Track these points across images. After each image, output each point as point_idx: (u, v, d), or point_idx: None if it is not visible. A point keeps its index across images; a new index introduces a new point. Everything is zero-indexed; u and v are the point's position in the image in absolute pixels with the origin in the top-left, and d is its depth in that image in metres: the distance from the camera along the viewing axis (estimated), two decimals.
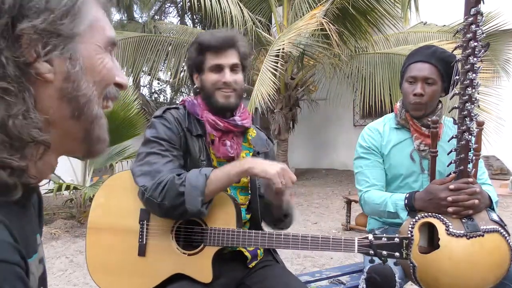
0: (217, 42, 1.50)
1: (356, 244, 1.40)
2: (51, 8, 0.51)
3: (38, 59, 0.51)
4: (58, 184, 4.94)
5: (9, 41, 0.49)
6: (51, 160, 0.59)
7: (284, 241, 1.43)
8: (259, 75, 6.14)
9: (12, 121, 0.50)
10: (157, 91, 16.76)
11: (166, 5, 15.83)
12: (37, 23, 0.50)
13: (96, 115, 0.59)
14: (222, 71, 1.51)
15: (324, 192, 7.59)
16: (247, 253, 1.56)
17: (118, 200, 1.52)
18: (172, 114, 1.53)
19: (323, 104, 9.44)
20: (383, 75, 7.37)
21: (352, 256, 3.91)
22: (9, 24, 0.49)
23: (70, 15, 0.53)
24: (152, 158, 1.43)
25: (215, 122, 1.52)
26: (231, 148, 1.54)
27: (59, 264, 3.91)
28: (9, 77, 0.49)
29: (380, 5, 7.39)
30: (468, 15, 1.53)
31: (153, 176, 1.39)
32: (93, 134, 0.60)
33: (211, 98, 1.52)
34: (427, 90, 1.80)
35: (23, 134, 0.51)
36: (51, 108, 0.54)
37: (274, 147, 1.78)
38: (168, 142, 1.47)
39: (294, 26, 6.71)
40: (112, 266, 1.48)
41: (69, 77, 0.54)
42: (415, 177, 1.89)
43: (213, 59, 1.51)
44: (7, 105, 0.49)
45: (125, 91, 5.60)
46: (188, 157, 1.51)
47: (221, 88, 1.51)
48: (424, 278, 1.58)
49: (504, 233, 1.56)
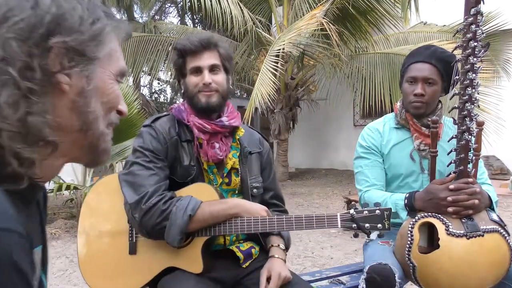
0: (192, 45, 1.52)
1: (339, 219, 1.46)
2: (82, 31, 0.59)
3: (61, 71, 0.58)
4: (58, 184, 4.95)
5: (41, 50, 0.56)
6: (56, 163, 0.64)
7: (270, 224, 1.45)
8: (259, 75, 6.15)
9: (32, 117, 0.56)
10: (157, 91, 16.79)
11: (166, 5, 15.85)
12: (68, 40, 0.58)
13: (103, 132, 0.65)
14: (202, 72, 1.53)
15: (324, 192, 7.59)
16: (239, 253, 1.56)
17: (106, 203, 1.55)
18: (161, 123, 1.55)
19: (323, 104, 9.44)
20: (383, 75, 7.37)
21: (352, 256, 3.91)
22: (45, 36, 0.56)
23: (96, 40, 0.61)
24: (136, 169, 1.47)
25: (202, 125, 1.53)
26: (220, 150, 1.55)
27: (60, 264, 3.91)
28: (36, 80, 0.56)
29: (380, 5, 7.40)
30: (468, 15, 1.53)
31: (135, 189, 1.44)
32: (99, 148, 0.66)
33: (193, 99, 1.54)
34: (427, 90, 1.80)
35: (37, 131, 0.57)
36: (63, 116, 0.60)
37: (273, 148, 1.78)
38: (152, 153, 1.49)
39: (294, 26, 6.72)
40: (106, 268, 1.50)
41: (83, 93, 0.61)
42: (415, 177, 1.89)
43: (192, 62, 1.54)
44: (30, 103, 0.56)
45: (125, 91, 5.62)
46: (178, 165, 1.53)
47: (202, 90, 1.53)
48: (424, 278, 1.58)
49: (504, 233, 1.56)
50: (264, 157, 1.71)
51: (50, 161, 0.61)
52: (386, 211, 1.45)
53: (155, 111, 11.43)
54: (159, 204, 1.40)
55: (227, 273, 1.55)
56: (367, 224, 1.44)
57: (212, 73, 1.54)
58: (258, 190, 1.65)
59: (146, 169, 1.46)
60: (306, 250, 4.10)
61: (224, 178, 1.59)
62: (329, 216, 1.46)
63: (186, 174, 1.52)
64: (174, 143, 1.53)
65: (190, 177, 1.53)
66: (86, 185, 5.35)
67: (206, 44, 1.53)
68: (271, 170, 1.74)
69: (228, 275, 1.55)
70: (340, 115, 9.88)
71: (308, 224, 1.46)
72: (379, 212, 1.45)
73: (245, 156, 1.63)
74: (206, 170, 1.56)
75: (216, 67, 1.55)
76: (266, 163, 1.72)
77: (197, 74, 1.54)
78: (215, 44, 1.55)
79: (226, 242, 1.57)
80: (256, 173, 1.66)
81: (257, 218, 1.46)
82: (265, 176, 1.71)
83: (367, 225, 1.44)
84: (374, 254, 1.70)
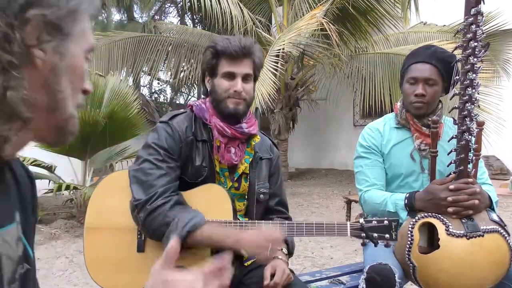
0: (233, 50, 1.49)
1: (349, 228, 1.49)
2: (60, 6, 0.58)
3: (37, 45, 0.57)
4: (58, 184, 4.94)
5: (19, 21, 0.55)
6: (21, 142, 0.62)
7: (280, 229, 1.45)
8: (260, 75, 6.14)
9: (9, 92, 0.55)
10: (157, 91, 16.78)
11: (166, 5, 15.84)
12: (47, 14, 0.56)
13: (71, 114, 0.64)
14: (235, 79, 1.51)
15: (324, 192, 7.59)
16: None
17: (114, 199, 1.53)
18: (178, 121, 1.54)
19: (323, 104, 9.44)
20: (383, 75, 7.37)
21: (352, 256, 3.91)
22: (24, 7, 0.55)
23: (72, 16, 0.60)
24: (148, 167, 1.46)
25: (222, 129, 1.52)
26: (235, 155, 1.55)
27: (59, 264, 3.91)
28: (15, 53, 0.55)
29: (380, 5, 7.40)
30: (468, 15, 1.53)
31: (145, 189, 1.43)
32: (66, 130, 0.65)
33: (221, 104, 1.52)
34: (428, 90, 1.80)
35: (14, 107, 0.56)
36: (34, 93, 0.58)
37: None
38: (166, 152, 1.48)
39: (294, 26, 6.72)
40: (113, 265, 1.49)
41: (55, 70, 0.59)
42: (415, 177, 1.89)
43: (227, 66, 1.51)
44: (8, 77, 0.55)
45: (125, 91, 5.61)
46: (190, 165, 1.52)
47: (232, 96, 1.51)
48: (424, 278, 1.58)
49: (504, 233, 1.56)
50: (274, 163, 1.70)
51: (18, 139, 0.60)
52: (394, 222, 1.49)
53: (155, 111, 11.44)
54: (164, 208, 1.39)
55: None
56: (375, 234, 1.47)
57: (244, 81, 1.52)
58: (265, 196, 1.64)
59: (157, 169, 1.45)
60: (306, 250, 4.10)
61: (234, 182, 1.59)
62: (340, 224, 1.49)
63: (197, 175, 1.52)
64: (190, 143, 1.52)
65: (201, 178, 1.52)
66: (86, 185, 5.34)
67: (247, 52, 1.51)
68: (279, 177, 1.73)
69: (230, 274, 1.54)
70: (340, 115, 9.88)
71: (318, 231, 1.48)
72: (387, 223, 1.48)
73: (256, 161, 1.63)
74: (218, 173, 1.56)
75: (249, 76, 1.54)
76: (275, 169, 1.71)
77: (229, 79, 1.51)
78: (253, 53, 1.53)
79: None
80: (264, 179, 1.65)
81: (268, 223, 1.48)
82: (272, 182, 1.70)
83: (375, 235, 1.47)
84: (374, 254, 1.70)
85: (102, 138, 5.16)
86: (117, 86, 5.60)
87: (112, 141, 5.40)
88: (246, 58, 1.52)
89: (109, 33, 8.63)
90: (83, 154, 5.41)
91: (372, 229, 1.47)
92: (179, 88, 14.91)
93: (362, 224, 1.48)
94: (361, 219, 1.49)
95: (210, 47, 1.55)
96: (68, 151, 5.32)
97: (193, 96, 15.89)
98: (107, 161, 5.92)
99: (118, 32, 9.08)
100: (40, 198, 7.26)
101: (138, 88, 12.07)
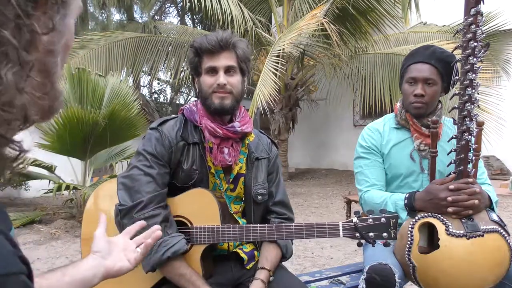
0: (210, 44, 1.48)
1: (341, 228, 1.40)
2: None
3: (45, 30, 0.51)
4: (58, 184, 4.94)
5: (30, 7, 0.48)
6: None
7: (269, 233, 1.44)
8: (261, 75, 6.14)
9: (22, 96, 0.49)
10: (157, 91, 16.78)
11: (166, 5, 15.85)
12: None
13: (61, 92, 0.58)
14: (217, 73, 1.49)
15: (324, 192, 7.59)
16: (244, 255, 1.55)
17: (107, 209, 1.52)
18: (167, 127, 1.52)
19: (323, 104, 9.45)
20: (383, 75, 7.38)
21: (352, 256, 3.91)
22: None
23: None
24: (135, 173, 1.46)
25: (214, 129, 1.49)
26: (229, 155, 1.51)
27: (59, 264, 3.90)
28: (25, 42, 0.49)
29: (380, 5, 7.40)
30: (468, 15, 1.53)
31: (131, 195, 1.42)
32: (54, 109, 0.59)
33: (207, 100, 1.51)
34: (427, 91, 1.80)
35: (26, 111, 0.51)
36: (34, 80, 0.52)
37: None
38: (155, 157, 1.47)
39: (295, 26, 6.72)
40: None
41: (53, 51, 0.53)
42: (415, 177, 1.89)
43: (208, 61, 1.50)
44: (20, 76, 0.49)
45: (125, 91, 5.61)
46: (180, 169, 1.50)
47: (216, 91, 1.49)
48: (424, 278, 1.58)
49: (503, 233, 1.56)
50: (271, 162, 1.67)
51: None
52: (393, 219, 1.38)
53: (155, 111, 11.44)
54: (153, 221, 1.35)
55: (230, 276, 1.53)
56: (372, 233, 1.38)
57: (228, 74, 1.49)
58: (263, 197, 1.59)
59: (145, 175, 1.44)
60: (306, 250, 4.10)
61: (229, 184, 1.56)
62: (331, 225, 1.42)
63: (187, 179, 1.49)
64: (180, 148, 1.50)
65: (191, 182, 1.49)
66: (85, 185, 5.34)
67: (224, 44, 1.48)
68: (277, 176, 1.69)
69: (230, 277, 1.54)
70: (340, 115, 9.89)
71: (308, 233, 1.43)
72: (385, 220, 1.39)
73: (251, 162, 1.59)
74: (213, 175, 1.53)
75: (232, 68, 1.50)
76: (272, 168, 1.67)
77: (212, 74, 1.50)
78: (233, 45, 1.50)
79: (230, 247, 1.55)
80: (263, 180, 1.61)
81: (256, 226, 1.45)
82: (270, 181, 1.66)
83: (372, 234, 1.38)
84: (374, 254, 1.70)
85: (102, 138, 5.16)
86: (117, 86, 5.60)
87: (112, 141, 5.40)
88: (226, 51, 1.49)
89: (109, 33, 8.65)
90: (83, 154, 5.41)
91: (367, 228, 1.39)
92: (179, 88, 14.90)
93: (355, 223, 1.38)
94: (355, 218, 1.40)
95: (190, 47, 1.55)
96: (68, 151, 5.32)
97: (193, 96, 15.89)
98: (107, 161, 5.92)
99: (118, 32, 9.09)
100: (40, 198, 7.27)
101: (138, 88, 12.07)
